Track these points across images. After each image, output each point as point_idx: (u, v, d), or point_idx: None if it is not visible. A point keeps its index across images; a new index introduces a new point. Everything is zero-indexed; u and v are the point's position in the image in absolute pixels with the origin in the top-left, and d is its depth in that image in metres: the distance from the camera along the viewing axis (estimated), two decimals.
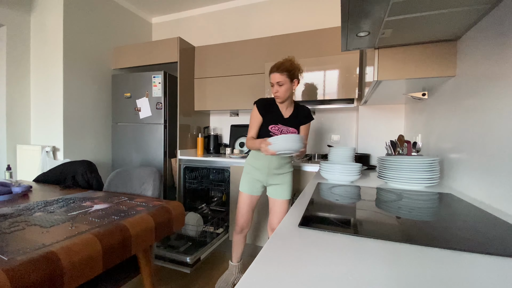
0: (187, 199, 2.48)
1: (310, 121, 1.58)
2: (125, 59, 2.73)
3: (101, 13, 2.67)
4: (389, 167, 1.16)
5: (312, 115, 1.59)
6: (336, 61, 2.06)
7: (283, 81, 1.40)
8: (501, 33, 0.78)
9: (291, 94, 1.49)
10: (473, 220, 0.66)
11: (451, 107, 1.14)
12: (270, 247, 0.50)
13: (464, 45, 1.03)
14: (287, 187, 1.57)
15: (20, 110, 2.41)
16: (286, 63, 1.42)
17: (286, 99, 1.49)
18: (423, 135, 1.54)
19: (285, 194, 1.56)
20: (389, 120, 2.04)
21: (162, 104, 2.39)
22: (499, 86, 0.79)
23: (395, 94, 1.59)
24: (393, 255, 0.47)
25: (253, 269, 0.42)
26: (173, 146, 2.51)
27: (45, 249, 0.73)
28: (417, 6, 0.80)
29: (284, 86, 1.41)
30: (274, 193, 1.59)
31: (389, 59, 1.18)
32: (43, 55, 2.41)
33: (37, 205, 1.18)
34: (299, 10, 2.59)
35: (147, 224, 1.06)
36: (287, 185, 1.57)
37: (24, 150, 2.35)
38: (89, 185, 1.71)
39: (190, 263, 1.77)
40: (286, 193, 1.56)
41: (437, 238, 0.54)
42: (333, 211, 0.74)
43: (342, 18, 0.89)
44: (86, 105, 2.55)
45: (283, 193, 1.55)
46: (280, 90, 1.42)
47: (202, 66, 2.62)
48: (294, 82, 1.44)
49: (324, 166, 1.27)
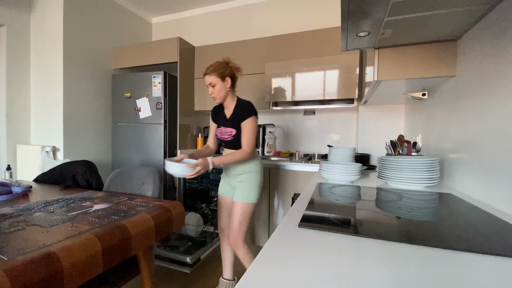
0: (187, 199, 2.48)
1: (247, 118, 1.42)
2: (125, 59, 2.73)
3: (101, 13, 2.67)
4: (389, 167, 1.16)
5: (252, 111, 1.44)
6: (336, 61, 2.06)
7: (214, 81, 1.44)
8: (501, 33, 0.78)
9: (228, 93, 1.48)
10: (473, 220, 0.66)
11: (451, 107, 1.14)
12: (270, 247, 0.50)
13: (464, 45, 1.03)
14: (241, 189, 1.47)
15: (20, 110, 2.41)
16: (214, 64, 1.46)
17: (224, 99, 1.49)
18: (423, 135, 1.54)
19: (238, 195, 1.47)
20: (389, 120, 2.04)
21: (162, 104, 2.39)
22: (499, 86, 0.79)
23: (395, 94, 1.59)
24: (393, 255, 0.47)
25: (253, 269, 0.42)
26: (173, 146, 2.51)
27: (45, 249, 0.73)
28: (417, 6, 0.80)
29: (216, 86, 1.45)
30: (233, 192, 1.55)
31: (389, 59, 1.18)
32: (43, 55, 2.41)
33: (37, 205, 1.18)
34: (299, 10, 2.59)
35: (147, 224, 1.06)
36: (242, 187, 1.47)
37: (24, 150, 2.35)
38: (89, 185, 1.71)
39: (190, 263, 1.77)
40: (238, 194, 1.46)
41: (437, 238, 0.54)
42: (333, 211, 0.74)
43: (342, 18, 0.89)
44: (86, 105, 2.55)
45: (237, 194, 1.47)
46: (214, 91, 1.45)
47: (202, 66, 2.62)
48: (227, 80, 1.45)
49: (324, 166, 1.27)
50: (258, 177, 1.50)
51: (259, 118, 2.71)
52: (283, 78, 2.23)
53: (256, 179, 1.49)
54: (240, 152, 1.41)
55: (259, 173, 1.50)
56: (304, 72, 2.16)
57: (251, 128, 1.43)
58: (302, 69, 2.17)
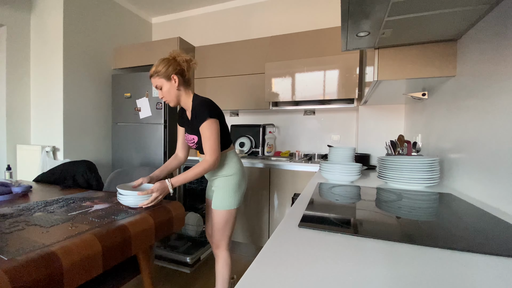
0: (187, 199, 2.48)
1: (202, 122, 1.23)
2: (125, 59, 2.73)
3: (101, 13, 2.67)
4: (389, 167, 1.16)
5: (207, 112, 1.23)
6: (336, 61, 2.06)
7: (159, 83, 1.26)
8: (501, 33, 0.78)
9: (179, 93, 1.29)
10: (473, 220, 0.66)
11: (451, 107, 1.14)
12: (270, 247, 0.50)
13: (464, 45, 1.03)
14: (217, 195, 1.36)
15: (20, 110, 2.41)
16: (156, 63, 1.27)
17: (178, 100, 1.31)
18: (423, 135, 1.54)
19: (214, 201, 1.36)
20: (389, 120, 2.04)
21: (162, 104, 2.39)
22: (499, 86, 0.79)
23: (395, 94, 1.59)
24: (393, 255, 0.47)
25: (253, 269, 0.42)
26: (173, 146, 2.51)
27: (45, 249, 0.73)
28: (417, 6, 0.80)
29: (164, 88, 1.26)
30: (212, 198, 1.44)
31: (389, 59, 1.18)
32: (43, 55, 2.41)
33: (37, 205, 1.18)
34: (299, 10, 2.59)
35: (147, 224, 1.06)
36: (218, 193, 1.35)
37: (24, 150, 2.35)
38: (89, 185, 1.71)
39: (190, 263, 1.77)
40: (215, 200, 1.35)
41: (437, 238, 0.54)
42: (333, 211, 0.74)
43: (342, 18, 0.89)
44: (86, 105, 2.56)
45: (214, 201, 1.36)
46: (163, 93, 1.28)
47: (202, 66, 2.62)
48: (173, 78, 1.25)
49: (324, 166, 1.27)
50: (235, 181, 1.35)
51: (259, 118, 2.73)
52: (283, 78, 2.23)
53: (233, 183, 1.35)
54: (202, 163, 1.21)
55: (236, 176, 1.35)
56: (304, 72, 2.16)
57: (210, 133, 1.22)
58: (302, 69, 2.17)
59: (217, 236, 1.38)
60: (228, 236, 1.39)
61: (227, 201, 1.34)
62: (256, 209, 2.14)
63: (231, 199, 1.35)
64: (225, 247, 1.40)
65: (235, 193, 1.36)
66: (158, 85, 1.27)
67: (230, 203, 1.35)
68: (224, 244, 1.39)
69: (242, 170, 1.40)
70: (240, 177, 1.38)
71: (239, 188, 1.38)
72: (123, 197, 1.15)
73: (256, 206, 2.14)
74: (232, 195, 1.35)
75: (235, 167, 1.37)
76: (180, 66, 1.28)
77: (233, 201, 1.36)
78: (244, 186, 1.42)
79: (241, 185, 1.39)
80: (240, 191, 1.38)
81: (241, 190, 1.39)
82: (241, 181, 1.39)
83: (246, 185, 1.45)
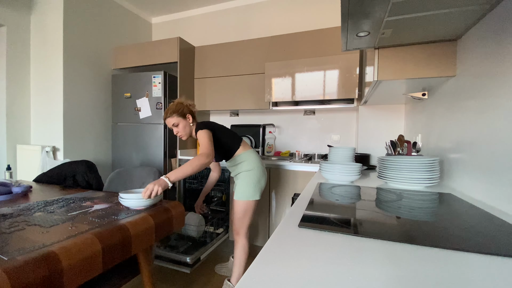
0: (187, 199, 2.48)
1: (196, 134, 1.50)
2: (125, 59, 2.73)
3: (101, 13, 2.67)
4: (389, 167, 1.16)
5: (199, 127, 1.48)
6: (336, 61, 2.06)
7: (176, 121, 1.53)
8: (501, 33, 0.78)
9: (192, 127, 1.59)
10: (473, 220, 0.66)
11: (451, 107, 1.14)
12: (270, 247, 0.50)
13: (464, 45, 1.03)
14: (238, 187, 1.59)
15: (20, 110, 2.41)
16: (171, 107, 1.55)
17: (190, 134, 1.60)
18: (423, 135, 1.54)
19: (236, 193, 1.59)
20: (389, 120, 2.04)
21: (162, 104, 2.39)
22: (499, 86, 0.79)
23: (395, 94, 1.59)
24: (393, 255, 0.47)
25: (253, 269, 0.42)
26: (173, 146, 2.51)
27: (45, 249, 0.73)
28: (417, 6, 0.80)
29: (180, 125, 1.54)
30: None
31: (389, 59, 1.18)
32: (43, 55, 2.41)
33: (37, 205, 1.18)
34: (299, 10, 2.59)
35: (147, 224, 1.06)
36: (239, 185, 1.59)
37: (24, 150, 2.35)
38: (89, 185, 1.71)
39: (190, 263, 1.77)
40: (236, 192, 1.59)
41: (437, 238, 0.54)
42: (333, 211, 0.74)
43: (342, 18, 0.89)
44: (86, 105, 2.56)
45: (235, 193, 1.60)
46: (179, 130, 1.55)
47: (202, 66, 2.62)
48: (188, 117, 1.56)
49: (324, 166, 1.27)
50: (254, 175, 1.55)
51: (259, 118, 2.74)
52: (283, 78, 2.23)
53: (252, 176, 1.55)
54: (197, 156, 1.34)
55: (255, 171, 1.56)
56: (304, 72, 2.16)
57: (202, 137, 1.43)
58: (302, 69, 2.17)
59: (237, 224, 1.58)
60: (246, 225, 1.59)
61: (246, 192, 1.55)
62: (256, 209, 2.14)
63: (249, 191, 1.55)
64: (244, 235, 1.59)
65: (253, 186, 1.55)
66: (175, 123, 1.54)
67: (247, 194, 1.54)
68: (243, 232, 1.59)
69: (260, 167, 1.60)
70: (259, 173, 1.58)
71: (257, 183, 1.56)
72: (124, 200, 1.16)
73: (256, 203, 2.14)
74: (251, 187, 1.55)
75: (253, 163, 1.57)
76: (190, 108, 1.59)
77: (251, 193, 1.55)
78: (263, 181, 1.60)
79: (259, 181, 1.57)
80: (258, 185, 1.57)
81: (259, 184, 1.58)
82: (260, 177, 1.58)
83: (266, 181, 1.63)
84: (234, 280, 1.60)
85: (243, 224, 1.57)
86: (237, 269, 1.59)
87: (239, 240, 1.59)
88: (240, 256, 1.59)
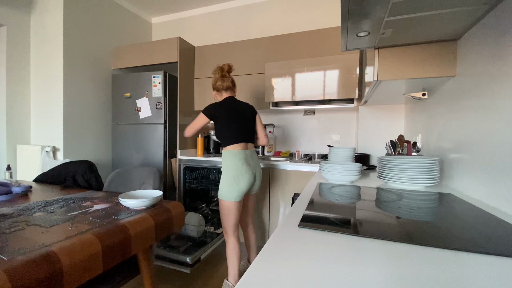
0: (187, 199, 2.48)
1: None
2: (125, 59, 2.73)
3: (101, 13, 2.67)
4: (389, 167, 1.16)
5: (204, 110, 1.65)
6: (336, 61, 2.06)
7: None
8: (501, 33, 0.78)
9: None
10: (473, 220, 0.66)
11: (451, 107, 1.14)
12: (270, 247, 0.50)
13: (464, 45, 1.03)
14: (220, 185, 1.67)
15: (20, 110, 2.41)
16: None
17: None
18: (423, 135, 1.54)
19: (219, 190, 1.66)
20: (389, 120, 2.04)
21: (162, 104, 2.39)
22: (499, 86, 0.79)
23: (395, 94, 1.59)
24: (393, 255, 0.47)
25: (253, 269, 0.42)
26: (173, 146, 2.51)
27: (45, 249, 0.73)
28: (417, 6, 0.80)
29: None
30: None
31: (389, 59, 1.18)
32: (43, 55, 2.41)
33: (37, 205, 1.18)
34: (299, 10, 2.59)
35: (147, 224, 1.06)
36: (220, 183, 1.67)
37: (24, 150, 2.35)
38: (89, 185, 1.71)
39: (190, 263, 1.77)
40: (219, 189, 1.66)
41: (437, 238, 0.54)
42: (333, 211, 0.74)
43: (342, 18, 0.89)
44: (86, 105, 2.56)
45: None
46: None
47: (202, 66, 2.62)
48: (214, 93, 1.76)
49: (324, 166, 1.27)
50: (230, 175, 1.54)
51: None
52: (283, 78, 2.23)
53: (228, 176, 1.54)
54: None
55: (231, 172, 1.54)
56: (304, 72, 2.16)
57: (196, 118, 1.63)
58: (302, 69, 2.17)
59: (223, 223, 1.60)
60: (231, 223, 1.58)
61: (223, 192, 1.54)
62: (256, 209, 2.14)
63: (227, 191, 1.53)
64: (232, 234, 1.60)
65: (230, 187, 1.53)
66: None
67: (225, 194, 1.54)
68: (229, 231, 1.59)
69: (240, 168, 1.55)
70: (232, 173, 1.54)
71: (235, 184, 1.53)
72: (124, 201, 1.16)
73: (256, 206, 2.14)
74: (228, 187, 1.53)
75: (227, 162, 1.56)
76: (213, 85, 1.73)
77: (228, 193, 1.53)
78: (244, 184, 1.54)
79: (239, 182, 1.53)
80: (236, 187, 1.53)
81: (239, 186, 1.53)
82: (239, 178, 1.54)
83: (249, 184, 1.57)
84: (231, 278, 1.61)
85: (227, 223, 1.57)
86: (231, 269, 1.60)
87: (228, 239, 1.61)
88: (230, 255, 1.59)
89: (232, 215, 1.56)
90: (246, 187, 1.55)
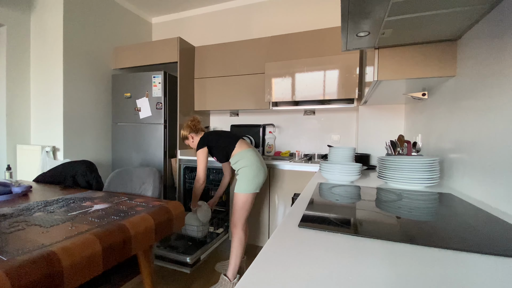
0: (187, 199, 2.48)
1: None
2: (125, 59, 2.73)
3: (101, 13, 2.67)
4: (389, 167, 1.16)
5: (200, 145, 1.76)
6: (336, 61, 2.06)
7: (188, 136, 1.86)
8: (501, 33, 0.78)
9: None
10: (473, 220, 0.66)
11: (451, 107, 1.14)
12: (270, 247, 0.50)
13: (464, 45, 1.03)
14: (238, 181, 1.71)
15: (20, 110, 2.41)
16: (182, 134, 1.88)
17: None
18: (423, 135, 1.54)
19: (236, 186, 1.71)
20: (389, 120, 2.04)
21: (162, 104, 2.39)
22: (499, 86, 0.79)
23: (395, 94, 1.59)
24: (393, 255, 0.47)
25: (253, 269, 0.42)
26: (173, 146, 2.51)
27: (45, 249, 0.73)
28: (417, 6, 0.80)
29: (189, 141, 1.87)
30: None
31: (389, 59, 1.18)
32: (43, 55, 2.41)
33: (37, 205, 1.18)
34: (299, 10, 2.59)
35: (147, 224, 1.06)
36: (238, 179, 1.71)
37: (24, 150, 2.35)
38: (89, 185, 1.71)
39: (190, 263, 1.77)
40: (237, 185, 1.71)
41: (437, 238, 0.54)
42: (333, 211, 0.74)
43: (342, 18, 0.89)
44: (86, 105, 2.56)
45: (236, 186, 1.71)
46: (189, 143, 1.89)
47: (202, 66, 2.62)
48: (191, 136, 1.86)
49: (324, 166, 1.27)
50: (250, 170, 1.64)
51: (259, 118, 2.74)
52: (283, 78, 2.23)
53: (248, 171, 1.64)
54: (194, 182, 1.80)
55: (251, 167, 1.64)
56: (304, 72, 2.16)
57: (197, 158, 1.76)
58: (302, 69, 2.17)
59: (235, 216, 1.67)
60: (244, 217, 1.67)
61: (244, 185, 1.63)
62: (256, 209, 2.14)
63: (248, 185, 1.63)
64: (241, 227, 1.66)
65: (251, 181, 1.64)
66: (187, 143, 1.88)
67: (244, 188, 1.63)
68: (240, 224, 1.66)
69: (257, 163, 1.67)
70: (254, 169, 1.65)
71: (255, 177, 1.64)
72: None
73: (256, 206, 2.14)
74: (249, 182, 1.63)
75: (248, 160, 1.66)
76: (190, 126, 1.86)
77: (249, 187, 1.64)
78: (261, 177, 1.67)
79: (258, 175, 1.65)
80: (256, 180, 1.65)
81: (258, 179, 1.66)
82: (258, 172, 1.66)
83: (264, 177, 1.70)
84: (230, 272, 1.64)
85: (241, 216, 1.65)
86: (233, 261, 1.64)
87: (236, 232, 1.66)
88: (236, 247, 1.64)
89: (248, 208, 1.66)
90: (263, 180, 1.68)
